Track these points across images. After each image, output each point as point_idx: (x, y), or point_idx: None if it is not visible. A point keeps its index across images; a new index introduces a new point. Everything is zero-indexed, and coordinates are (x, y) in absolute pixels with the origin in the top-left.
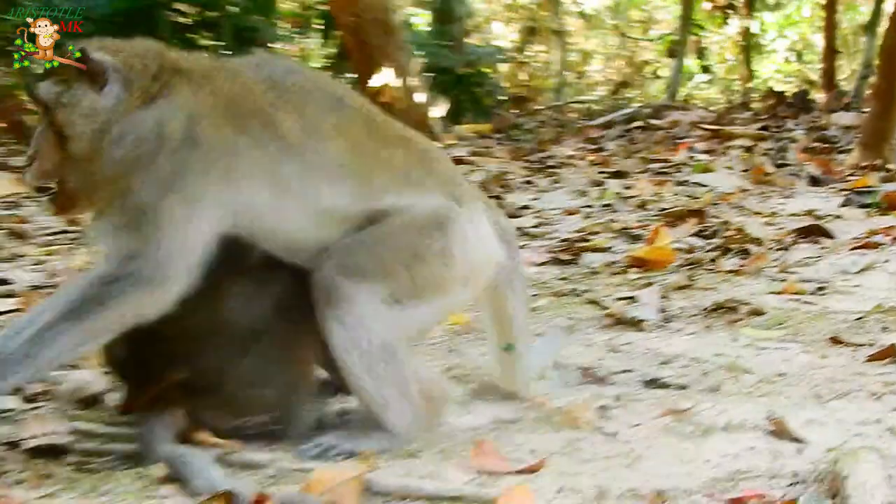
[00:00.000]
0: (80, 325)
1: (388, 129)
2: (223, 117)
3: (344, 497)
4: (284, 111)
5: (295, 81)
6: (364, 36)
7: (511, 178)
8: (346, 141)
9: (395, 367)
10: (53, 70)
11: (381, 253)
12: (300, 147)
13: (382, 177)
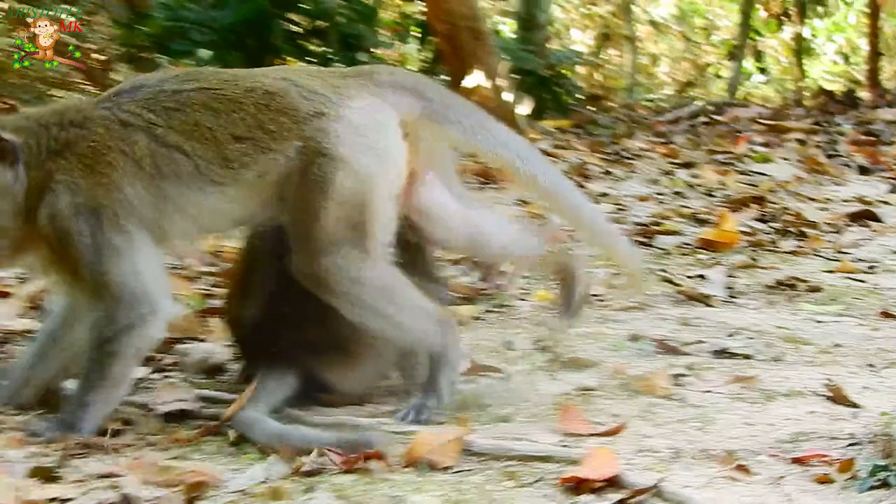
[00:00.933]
0: (111, 383)
1: (230, 90)
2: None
3: (444, 457)
4: (131, 140)
5: (138, 99)
6: (457, 42)
7: (590, 169)
8: (192, 137)
9: (401, 300)
10: None
11: (307, 222)
12: (156, 172)
13: (237, 148)
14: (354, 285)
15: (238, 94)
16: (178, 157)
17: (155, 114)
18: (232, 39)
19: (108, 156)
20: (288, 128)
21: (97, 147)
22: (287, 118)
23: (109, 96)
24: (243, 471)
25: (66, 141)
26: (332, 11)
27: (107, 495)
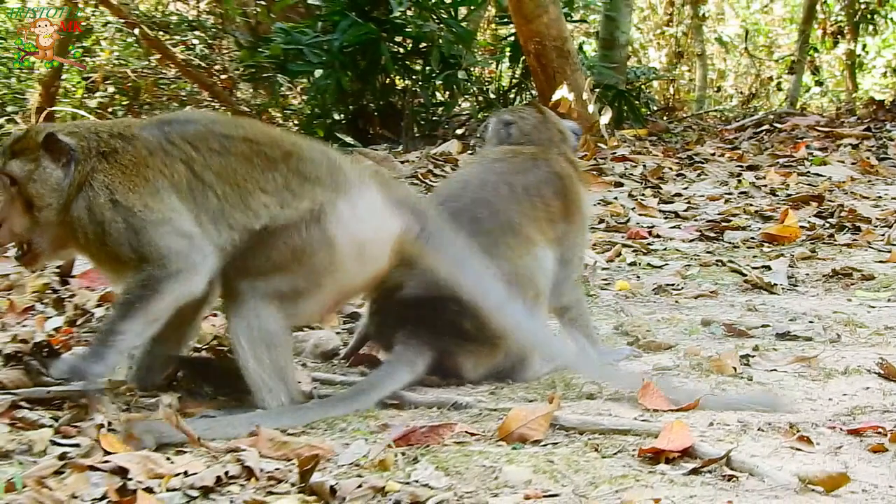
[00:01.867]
0: (144, 317)
1: (270, 149)
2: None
3: (535, 431)
4: (173, 168)
5: (186, 134)
6: (546, 60)
7: (665, 172)
8: (227, 182)
9: (276, 354)
10: (22, 150)
11: (268, 254)
12: (187, 194)
13: (260, 199)
14: (254, 316)
15: (277, 156)
16: (209, 194)
17: (198, 151)
18: (343, 60)
19: (147, 172)
20: (308, 191)
21: (139, 162)
22: (310, 184)
23: (159, 122)
24: (351, 445)
25: (113, 148)
26: (434, 34)
27: (229, 468)
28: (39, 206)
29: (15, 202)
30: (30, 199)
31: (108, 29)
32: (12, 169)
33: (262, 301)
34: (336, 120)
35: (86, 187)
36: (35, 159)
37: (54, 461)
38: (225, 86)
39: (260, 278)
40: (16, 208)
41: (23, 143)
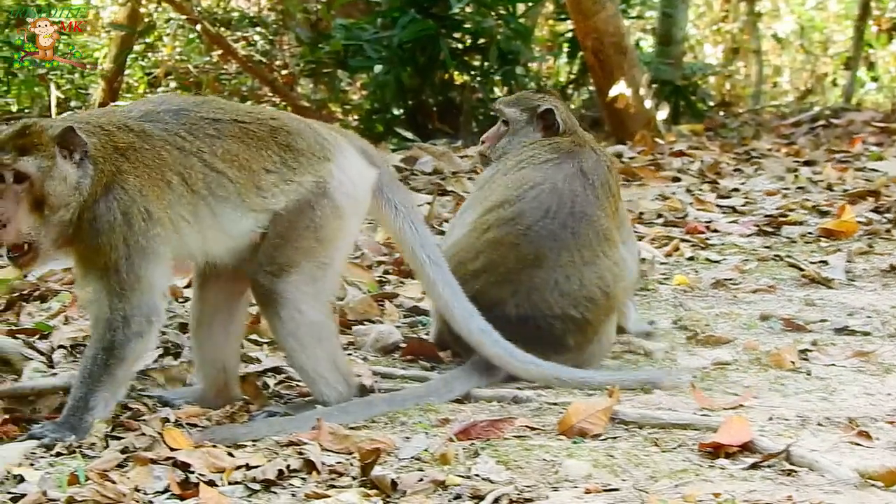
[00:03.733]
0: (116, 381)
1: (257, 127)
2: (154, 188)
3: (595, 425)
4: (188, 164)
5: (185, 123)
6: (603, 56)
7: (722, 167)
8: (234, 166)
9: (326, 345)
10: (33, 146)
11: (291, 244)
12: (208, 193)
13: (269, 179)
14: (296, 312)
15: (265, 133)
16: (225, 182)
17: (201, 140)
18: (403, 56)
19: (168, 174)
20: (305, 164)
21: (160, 162)
22: (304, 157)
23: (151, 112)
24: (413, 439)
25: (129, 144)
26: (492, 30)
27: (291, 462)
28: (54, 205)
29: (23, 200)
30: (42, 197)
31: (170, 25)
32: (26, 166)
33: (300, 293)
34: (395, 115)
35: (114, 189)
36: (51, 156)
37: (117, 454)
38: (286, 81)
39: (293, 271)
40: (23, 207)
41: (31, 138)
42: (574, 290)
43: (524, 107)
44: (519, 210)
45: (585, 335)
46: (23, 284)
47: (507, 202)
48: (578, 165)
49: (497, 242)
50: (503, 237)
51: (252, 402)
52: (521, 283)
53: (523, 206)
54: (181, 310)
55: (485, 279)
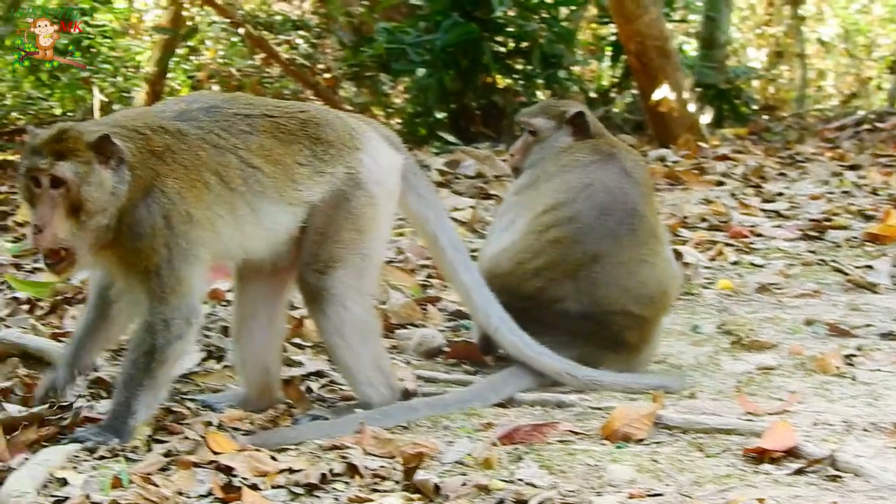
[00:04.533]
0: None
1: (287, 121)
2: (193, 189)
3: (639, 430)
4: (225, 161)
5: (219, 120)
6: (647, 60)
7: (767, 171)
8: (269, 161)
9: (370, 344)
10: (69, 151)
11: (332, 238)
12: (246, 189)
13: (302, 172)
14: (342, 308)
15: (295, 126)
16: (261, 177)
17: (236, 137)
18: (446, 59)
19: (206, 174)
20: (336, 155)
21: (196, 165)
22: (335, 148)
23: (184, 112)
24: (456, 443)
25: (165, 146)
26: (535, 34)
27: (334, 466)
28: (91, 210)
29: (59, 206)
30: (79, 203)
31: (212, 28)
32: (63, 172)
33: (345, 289)
34: (438, 119)
35: (154, 192)
36: (87, 161)
37: (160, 458)
38: (328, 84)
39: (338, 266)
40: (60, 212)
41: (67, 143)
42: (634, 286)
43: (551, 114)
44: (575, 210)
45: (643, 333)
46: (66, 288)
47: (561, 204)
48: (621, 165)
49: (557, 241)
50: (563, 236)
51: (295, 405)
52: (582, 280)
53: (579, 206)
54: (224, 313)
55: (546, 276)
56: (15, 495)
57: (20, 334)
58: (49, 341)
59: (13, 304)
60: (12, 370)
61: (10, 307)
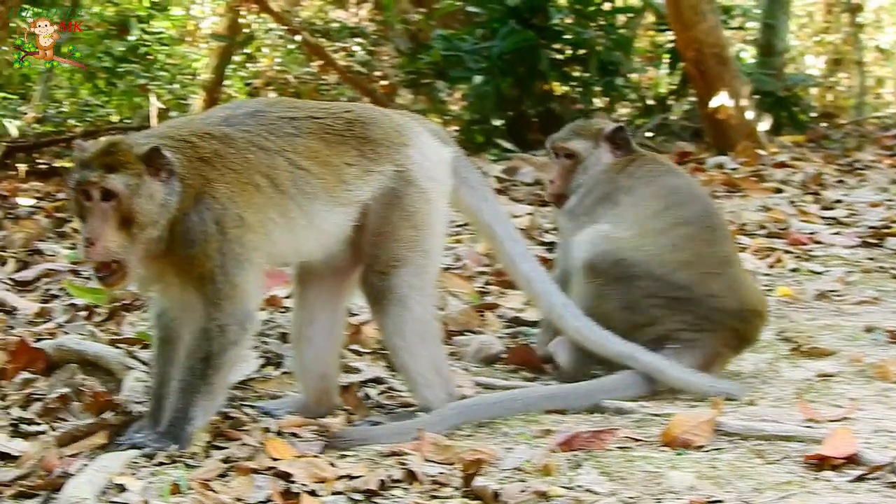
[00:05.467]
0: (214, 390)
1: (333, 121)
2: (244, 193)
3: (698, 436)
4: (274, 164)
5: (264, 124)
6: (704, 67)
7: (825, 178)
8: (317, 163)
9: (430, 346)
10: (120, 164)
11: (390, 238)
12: (297, 192)
13: (351, 172)
14: (404, 309)
15: (341, 127)
16: (310, 179)
17: (283, 140)
18: (503, 66)
19: (255, 177)
20: (384, 153)
21: (246, 168)
22: (383, 147)
23: (229, 118)
24: (515, 449)
25: (214, 151)
26: (592, 41)
27: (392, 472)
28: (142, 223)
29: (110, 218)
30: (131, 215)
31: (269, 35)
32: (115, 184)
33: (408, 289)
34: (495, 126)
35: (205, 199)
36: (138, 174)
37: (218, 464)
38: (385, 92)
39: (399, 265)
40: (111, 225)
41: (118, 156)
42: (756, 287)
43: (585, 134)
44: (691, 212)
45: (759, 334)
46: (124, 294)
47: (673, 205)
48: (686, 175)
49: (691, 239)
50: (695, 234)
51: (353, 412)
52: (726, 278)
53: (694, 209)
54: (282, 319)
55: (697, 269)
56: (74, 501)
57: (78, 341)
58: (107, 348)
59: (71, 311)
60: (70, 377)
61: (68, 314)
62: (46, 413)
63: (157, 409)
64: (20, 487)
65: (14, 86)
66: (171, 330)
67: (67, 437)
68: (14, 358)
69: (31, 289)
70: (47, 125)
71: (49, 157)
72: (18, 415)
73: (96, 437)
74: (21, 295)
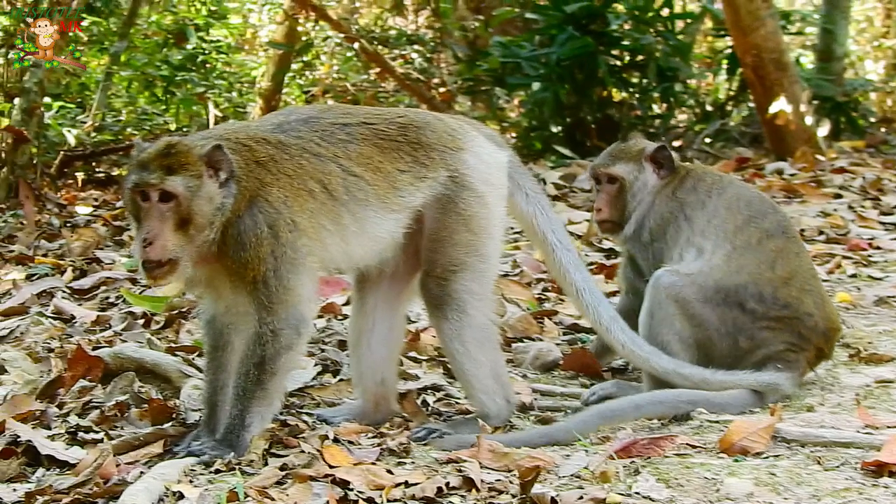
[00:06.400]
0: (269, 395)
1: (386, 126)
2: (297, 198)
3: (757, 443)
4: (327, 170)
5: (317, 131)
6: (763, 72)
7: (885, 184)
8: (369, 169)
9: (489, 352)
10: (180, 165)
11: (448, 242)
12: (349, 198)
13: (404, 178)
14: (463, 314)
15: (395, 132)
16: (363, 185)
17: (335, 146)
18: (561, 73)
19: (309, 182)
20: (438, 158)
21: (300, 174)
22: (437, 152)
23: (281, 124)
24: (573, 456)
25: (269, 156)
26: (651, 47)
27: (450, 479)
28: (200, 223)
29: (168, 219)
30: (189, 217)
31: (327, 43)
32: (175, 186)
33: (468, 294)
34: (553, 132)
35: (259, 202)
36: (198, 175)
37: (276, 471)
38: (443, 99)
39: (458, 270)
40: (168, 226)
41: (178, 157)
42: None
43: (628, 158)
44: (772, 223)
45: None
46: (182, 302)
47: (754, 217)
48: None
49: (780, 252)
50: (782, 247)
51: (411, 419)
52: (815, 294)
53: (774, 219)
54: (339, 327)
55: (795, 286)
56: None
57: (136, 348)
58: (165, 355)
59: (129, 319)
60: (128, 385)
61: (125, 321)
62: (104, 421)
63: (211, 417)
64: (77, 496)
65: (72, 95)
66: (223, 337)
67: (125, 445)
68: (72, 366)
69: (89, 297)
70: (105, 134)
71: (107, 165)
72: (76, 423)
73: (153, 446)
74: (79, 303)
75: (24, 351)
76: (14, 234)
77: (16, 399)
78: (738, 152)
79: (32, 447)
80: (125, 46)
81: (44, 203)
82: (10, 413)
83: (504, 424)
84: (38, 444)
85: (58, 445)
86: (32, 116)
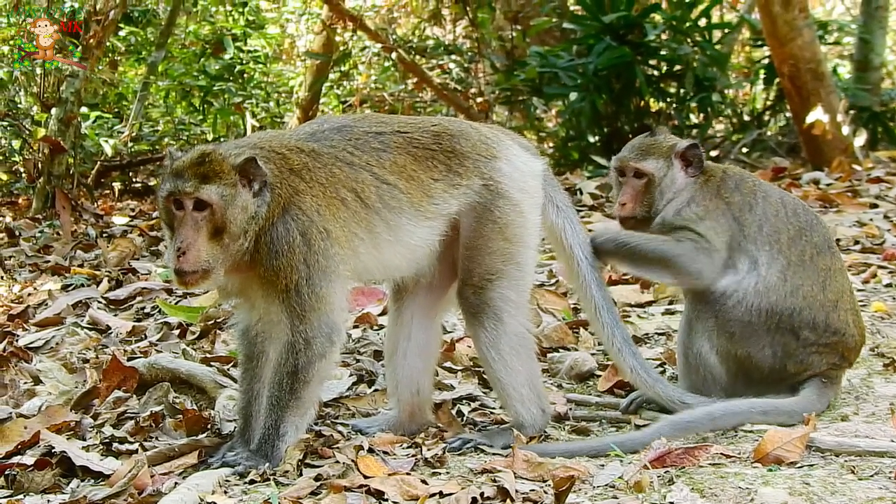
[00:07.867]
0: (303, 404)
1: (420, 135)
2: (330, 206)
3: (791, 452)
4: (359, 178)
5: (350, 140)
6: (800, 82)
7: None
8: (403, 177)
9: (525, 360)
10: (214, 174)
11: (483, 251)
12: (382, 206)
13: (437, 187)
14: (499, 322)
15: (429, 140)
16: (397, 193)
17: (369, 154)
18: (598, 83)
19: (342, 191)
20: (472, 166)
21: (333, 183)
22: (470, 160)
23: (315, 133)
24: (607, 466)
25: (303, 164)
26: (688, 57)
27: (484, 489)
28: (234, 232)
29: (202, 228)
30: (223, 225)
31: (365, 53)
32: (209, 195)
33: (504, 302)
34: (591, 142)
35: (292, 210)
36: (233, 184)
37: (310, 482)
38: (481, 109)
39: (494, 278)
40: (203, 234)
41: (211, 166)
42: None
43: (658, 153)
44: (821, 235)
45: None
46: (217, 312)
47: (804, 229)
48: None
49: (827, 270)
50: (831, 264)
51: (446, 429)
52: (853, 312)
53: (820, 231)
54: (375, 337)
55: (842, 309)
56: None
57: (171, 359)
58: (200, 366)
59: (164, 329)
60: (163, 395)
61: (161, 332)
62: (138, 432)
63: (246, 427)
64: None
65: (109, 105)
66: (257, 347)
67: (159, 455)
68: (107, 376)
69: (125, 307)
70: (142, 144)
71: (143, 175)
72: (111, 433)
73: (188, 456)
74: (114, 313)
75: (60, 361)
76: (50, 245)
77: (50, 410)
78: (774, 162)
79: (67, 458)
80: (162, 56)
81: (80, 213)
82: (45, 424)
83: (539, 434)
84: (73, 454)
85: (92, 456)
86: (69, 126)
